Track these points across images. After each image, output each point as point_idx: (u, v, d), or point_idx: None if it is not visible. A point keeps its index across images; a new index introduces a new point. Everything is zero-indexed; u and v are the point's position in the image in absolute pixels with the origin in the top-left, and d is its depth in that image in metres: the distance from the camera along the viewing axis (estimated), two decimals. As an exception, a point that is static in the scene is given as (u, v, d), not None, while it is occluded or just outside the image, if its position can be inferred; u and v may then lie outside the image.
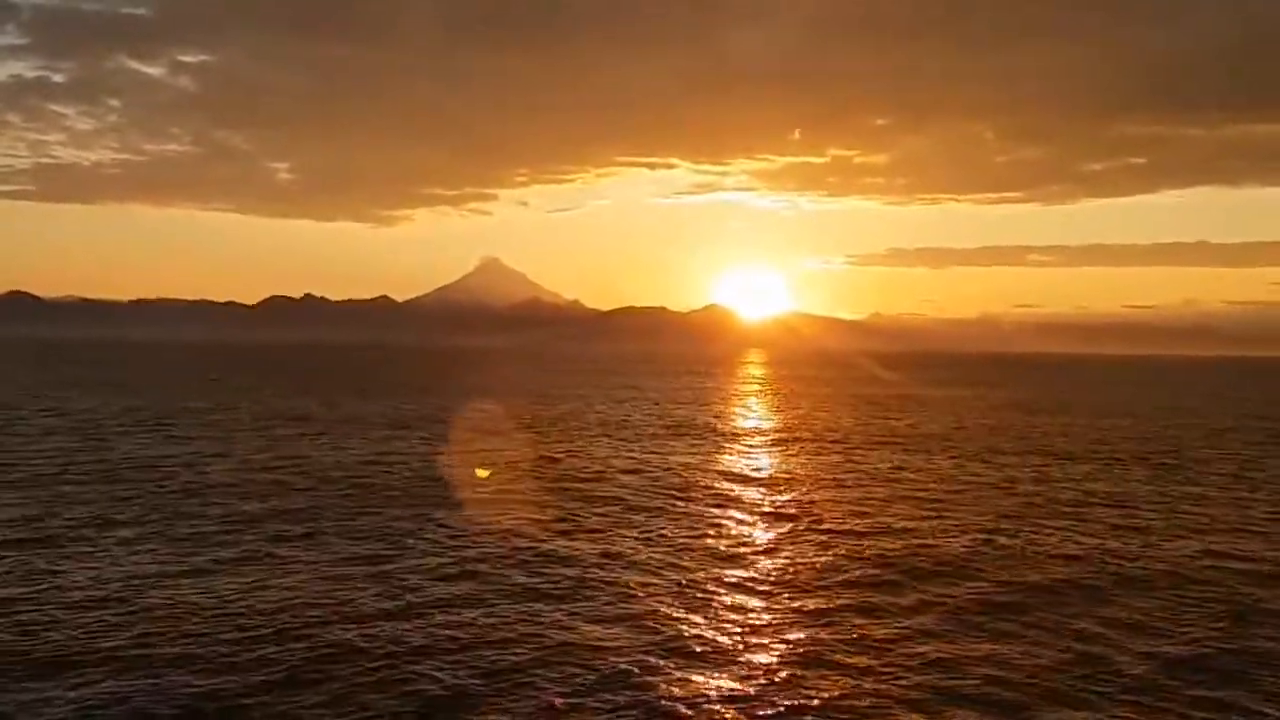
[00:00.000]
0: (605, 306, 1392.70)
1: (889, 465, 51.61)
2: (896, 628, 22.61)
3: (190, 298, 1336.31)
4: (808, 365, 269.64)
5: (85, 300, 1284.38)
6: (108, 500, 36.24)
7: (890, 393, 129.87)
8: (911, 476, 47.38)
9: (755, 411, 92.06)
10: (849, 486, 43.65)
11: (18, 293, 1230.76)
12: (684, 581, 26.17)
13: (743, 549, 30.45)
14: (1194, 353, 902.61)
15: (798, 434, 68.80)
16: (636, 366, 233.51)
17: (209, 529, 31.47)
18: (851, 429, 72.85)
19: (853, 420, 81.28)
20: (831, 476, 46.76)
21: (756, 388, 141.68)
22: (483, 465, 47.74)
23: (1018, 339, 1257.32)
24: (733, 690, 18.45)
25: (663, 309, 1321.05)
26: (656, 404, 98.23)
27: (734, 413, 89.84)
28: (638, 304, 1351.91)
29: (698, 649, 20.64)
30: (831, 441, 63.50)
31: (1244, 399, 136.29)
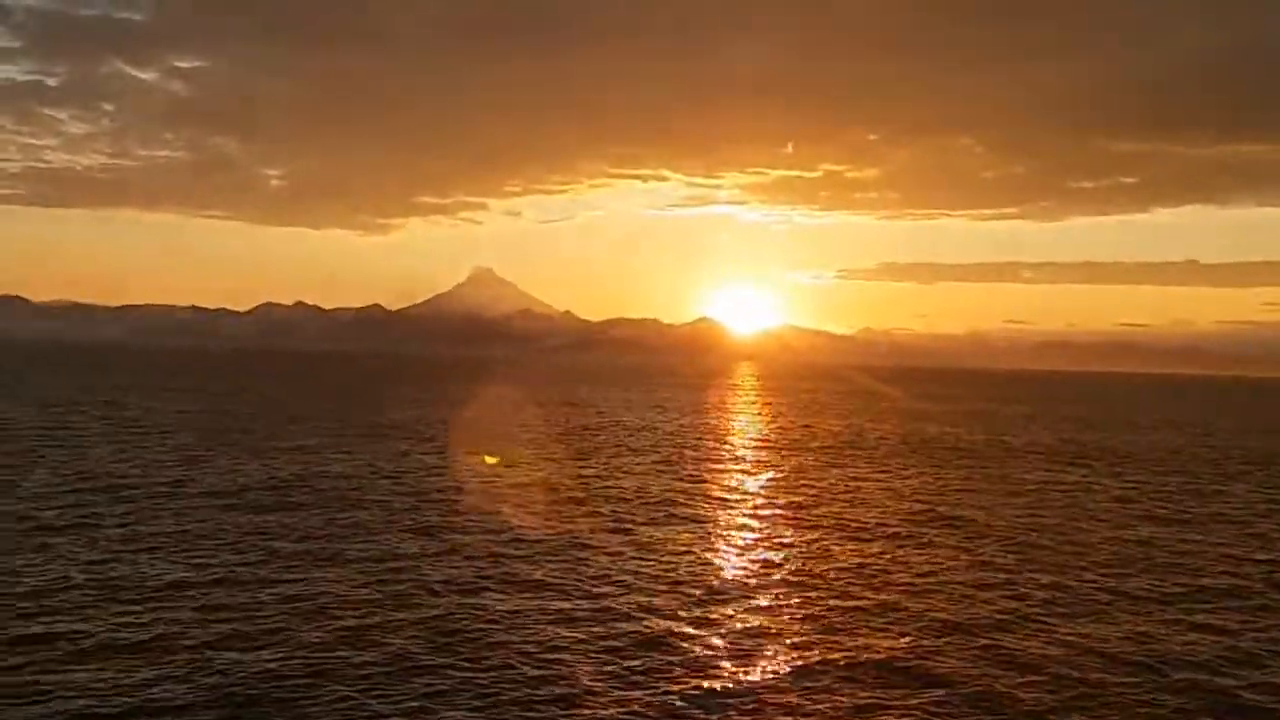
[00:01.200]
0: (597, 318, 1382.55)
1: (1076, 480, 47.93)
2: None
3: (182, 304, 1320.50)
4: (805, 379, 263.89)
5: (77, 304, 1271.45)
6: (279, 525, 32.40)
7: (942, 408, 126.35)
8: (1113, 504, 43.70)
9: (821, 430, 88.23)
10: (1079, 511, 39.99)
11: (10, 296, 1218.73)
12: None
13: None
14: (1187, 372, 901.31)
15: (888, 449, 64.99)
16: (640, 379, 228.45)
17: (425, 562, 27.80)
18: (969, 440, 69.16)
19: (963, 432, 77.56)
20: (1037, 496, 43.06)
21: (791, 405, 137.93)
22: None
23: (1010, 356, 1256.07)
24: None
25: (654, 321, 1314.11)
26: (683, 417, 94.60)
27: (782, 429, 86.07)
28: (629, 316, 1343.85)
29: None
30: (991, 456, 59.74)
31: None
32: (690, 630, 21.92)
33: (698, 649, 20.65)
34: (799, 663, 19.91)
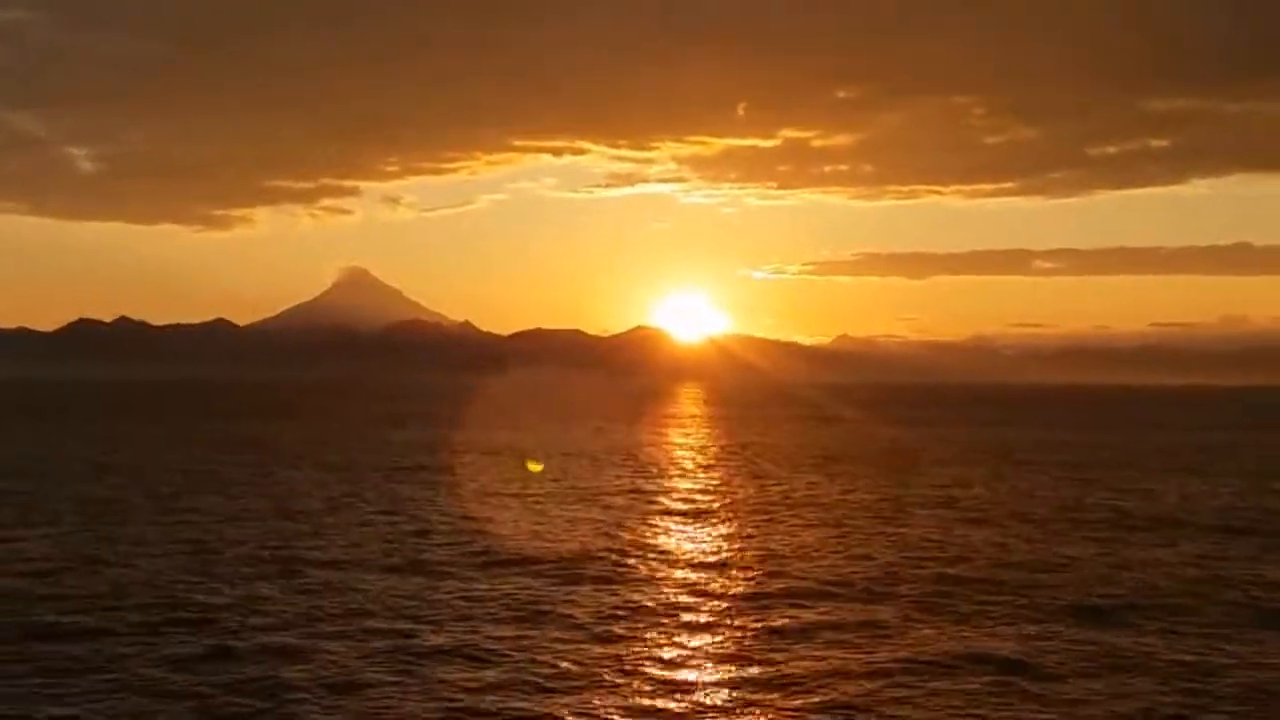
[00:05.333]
0: (504, 330, 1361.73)
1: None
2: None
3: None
4: (761, 407, 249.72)
5: None
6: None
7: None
8: None
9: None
10: None
11: None
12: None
13: None
14: (1239, 382, 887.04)
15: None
16: (524, 414, 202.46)
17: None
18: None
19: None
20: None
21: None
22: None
23: (1022, 367, 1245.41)
24: None
25: (577, 332, 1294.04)
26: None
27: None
28: (546, 326, 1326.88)
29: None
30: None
31: None
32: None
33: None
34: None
